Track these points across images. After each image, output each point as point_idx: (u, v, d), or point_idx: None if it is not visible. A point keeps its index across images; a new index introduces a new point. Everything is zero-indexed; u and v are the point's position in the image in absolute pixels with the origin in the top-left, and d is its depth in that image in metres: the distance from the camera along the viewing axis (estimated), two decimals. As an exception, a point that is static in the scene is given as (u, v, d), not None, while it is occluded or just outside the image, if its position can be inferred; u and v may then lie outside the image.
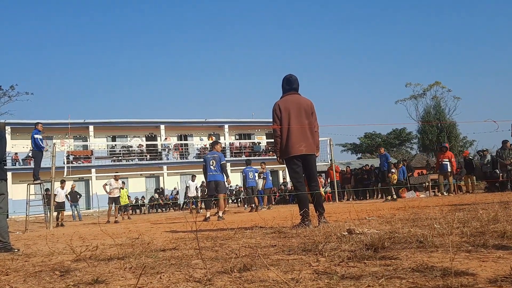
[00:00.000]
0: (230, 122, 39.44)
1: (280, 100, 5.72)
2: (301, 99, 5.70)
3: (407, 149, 61.30)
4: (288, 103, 5.62)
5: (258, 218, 7.71)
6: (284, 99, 5.70)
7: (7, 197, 5.18)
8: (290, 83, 5.75)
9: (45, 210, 12.06)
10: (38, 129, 11.83)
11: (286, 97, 5.70)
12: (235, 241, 4.27)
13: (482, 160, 16.68)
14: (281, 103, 5.66)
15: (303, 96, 5.77)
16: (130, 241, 5.10)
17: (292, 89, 5.74)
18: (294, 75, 5.80)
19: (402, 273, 2.20)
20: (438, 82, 52.14)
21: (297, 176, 5.59)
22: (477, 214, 4.82)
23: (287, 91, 5.75)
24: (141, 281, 2.43)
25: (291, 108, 5.58)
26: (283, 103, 5.65)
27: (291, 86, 5.75)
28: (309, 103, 5.70)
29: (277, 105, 5.67)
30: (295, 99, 5.66)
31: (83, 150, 35.28)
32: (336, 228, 4.38)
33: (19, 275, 3.04)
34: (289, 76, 5.78)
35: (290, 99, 5.66)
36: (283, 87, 5.80)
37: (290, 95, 5.70)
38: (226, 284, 2.23)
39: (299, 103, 5.63)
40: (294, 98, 5.68)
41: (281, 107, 5.61)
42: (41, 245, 5.69)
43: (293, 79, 5.76)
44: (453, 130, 50.22)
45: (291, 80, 5.75)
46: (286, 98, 5.69)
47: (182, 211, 24.75)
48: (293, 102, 5.63)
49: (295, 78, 5.78)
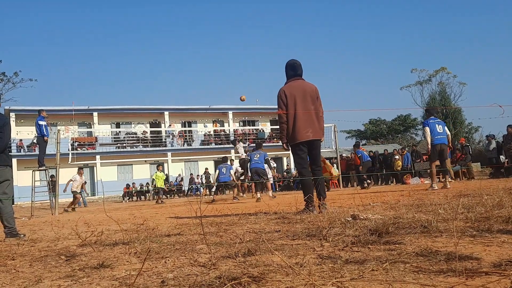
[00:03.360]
0: (234, 108, 39.34)
1: (285, 86, 5.68)
2: (306, 84, 5.67)
3: (412, 136, 61.08)
4: (293, 89, 5.59)
5: (262, 205, 7.73)
6: (289, 85, 5.67)
7: (12, 183, 5.21)
8: (295, 69, 5.71)
9: (50, 197, 12.12)
10: (42, 116, 11.83)
11: (291, 83, 5.67)
12: (240, 226, 4.28)
13: (488, 146, 16.61)
14: (286, 89, 5.63)
15: (307, 82, 5.74)
16: (135, 226, 5.13)
17: (296, 75, 5.70)
18: (298, 60, 5.76)
19: (406, 257, 2.20)
20: (444, 68, 51.69)
21: (302, 162, 5.59)
22: (482, 199, 4.81)
23: (291, 77, 5.71)
24: (146, 265, 2.44)
25: (297, 94, 5.55)
26: (288, 89, 5.61)
27: (296, 72, 5.71)
28: (314, 88, 5.67)
29: (282, 91, 5.64)
30: (300, 84, 5.63)
31: (88, 137, 35.37)
32: (340, 214, 4.39)
33: (25, 260, 3.06)
34: (293, 61, 5.74)
35: (295, 85, 5.63)
36: (287, 73, 5.76)
37: (295, 81, 5.67)
38: (231, 268, 2.24)
39: (304, 88, 5.59)
40: (299, 83, 5.64)
41: (287, 93, 5.58)
42: (46, 230, 5.73)
43: (297, 64, 5.72)
44: (458, 116, 49.90)
45: (295, 66, 5.71)
46: (291, 84, 5.66)
47: (187, 197, 24.83)
48: (298, 87, 5.59)
49: (299, 63, 5.74)
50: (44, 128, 11.72)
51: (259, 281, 1.91)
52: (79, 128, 35.18)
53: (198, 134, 38.40)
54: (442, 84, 52.22)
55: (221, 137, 37.79)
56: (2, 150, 5.01)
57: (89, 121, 35.68)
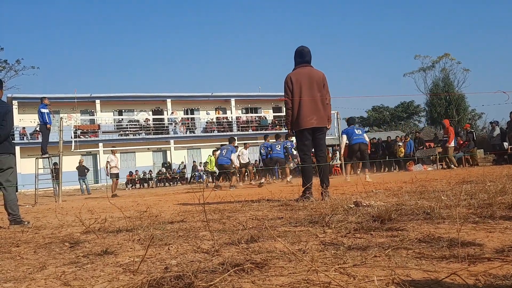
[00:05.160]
0: (237, 96, 39.21)
1: (292, 73, 5.67)
2: (313, 71, 5.64)
3: (415, 122, 60.94)
4: (300, 76, 5.57)
5: (265, 192, 7.75)
6: (296, 72, 5.65)
7: (15, 170, 5.22)
8: (303, 55, 5.68)
9: (54, 184, 12.16)
10: (44, 103, 11.81)
11: (298, 70, 5.64)
12: (242, 213, 4.29)
13: (491, 133, 16.55)
14: (293, 75, 5.61)
15: (315, 68, 5.71)
16: (138, 214, 5.15)
17: (304, 62, 5.68)
18: (307, 47, 5.72)
19: (408, 243, 2.20)
20: (448, 54, 51.34)
21: (305, 149, 5.60)
22: (485, 186, 4.80)
23: (299, 63, 5.69)
24: (149, 252, 2.46)
25: (303, 80, 5.53)
26: (295, 76, 5.59)
27: (304, 58, 5.68)
28: (321, 75, 5.64)
29: (288, 77, 5.62)
30: (307, 71, 5.60)
31: (90, 125, 35.37)
32: (343, 201, 4.39)
33: (29, 247, 3.08)
34: (302, 48, 5.71)
35: (302, 72, 5.60)
36: (295, 59, 5.74)
37: (302, 68, 5.64)
38: (234, 254, 2.25)
39: (311, 75, 5.57)
40: (306, 70, 5.61)
41: (293, 79, 5.56)
42: (50, 218, 5.76)
43: (305, 51, 5.68)
44: (462, 103, 49.68)
45: (303, 53, 5.68)
46: (298, 71, 5.64)
47: (189, 185, 24.89)
48: (305, 74, 5.57)
49: (308, 50, 5.70)
50: (46, 116, 11.70)
51: (262, 267, 1.91)
52: (82, 116, 35.15)
53: (200, 122, 38.36)
54: (445, 70, 51.95)
55: (223, 125, 37.75)
56: (5, 137, 5.02)
57: (92, 108, 35.63)
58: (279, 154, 13.94)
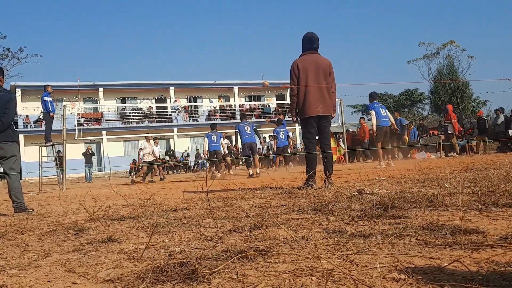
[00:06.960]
0: (240, 84, 39.10)
1: (299, 59, 5.62)
2: (320, 58, 5.60)
3: (419, 110, 60.67)
4: (307, 63, 5.53)
5: (268, 180, 7.76)
6: (303, 58, 5.60)
7: (19, 158, 5.24)
8: (312, 42, 5.62)
9: (58, 172, 12.22)
10: (47, 92, 11.81)
11: (305, 57, 5.60)
12: (246, 201, 4.30)
13: (495, 120, 16.47)
14: (300, 62, 5.57)
15: (322, 56, 5.66)
16: (142, 201, 5.18)
17: (312, 48, 5.63)
18: (316, 34, 5.65)
19: (411, 231, 2.21)
20: (452, 41, 50.88)
21: (310, 137, 5.59)
22: (489, 174, 4.79)
23: (307, 50, 5.64)
24: (153, 239, 2.47)
25: (309, 68, 5.49)
26: (301, 62, 5.55)
27: (312, 45, 5.63)
28: (328, 63, 5.60)
29: (295, 63, 5.58)
30: (314, 58, 5.56)
31: (93, 113, 35.37)
32: (346, 188, 4.39)
33: (34, 234, 3.10)
34: (311, 35, 5.64)
35: (309, 59, 5.55)
36: (303, 45, 5.67)
37: (309, 55, 5.59)
38: (237, 242, 2.26)
39: (317, 63, 5.53)
40: (313, 57, 5.57)
41: (300, 66, 5.52)
42: (54, 205, 5.79)
43: (315, 38, 5.62)
44: (466, 90, 49.36)
45: (313, 39, 5.62)
46: (305, 58, 5.59)
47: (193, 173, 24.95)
48: (312, 61, 5.53)
49: (317, 37, 5.64)
50: (50, 104, 11.70)
51: (265, 254, 1.92)
52: (85, 104, 35.13)
53: (203, 110, 38.31)
54: (450, 57, 51.50)
55: (226, 113, 37.70)
56: (8, 125, 5.02)
57: (95, 96, 35.60)
58: (251, 138, 12.21)
